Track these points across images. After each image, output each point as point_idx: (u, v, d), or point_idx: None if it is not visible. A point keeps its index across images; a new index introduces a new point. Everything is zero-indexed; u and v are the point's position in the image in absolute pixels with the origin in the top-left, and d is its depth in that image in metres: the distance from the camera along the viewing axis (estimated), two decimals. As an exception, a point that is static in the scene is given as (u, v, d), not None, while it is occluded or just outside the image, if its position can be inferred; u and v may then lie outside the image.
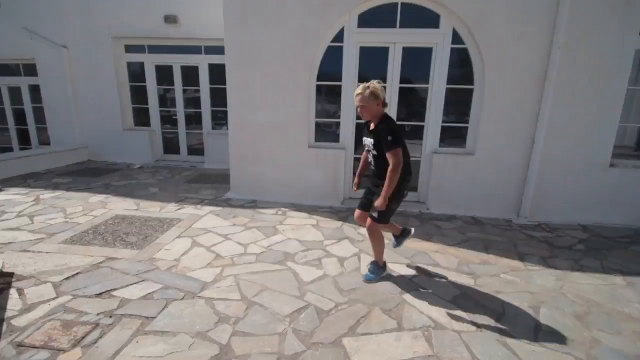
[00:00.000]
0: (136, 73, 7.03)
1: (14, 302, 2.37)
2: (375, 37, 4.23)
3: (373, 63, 4.38)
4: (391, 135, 2.32)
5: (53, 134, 7.44)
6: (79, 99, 7.05)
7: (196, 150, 7.33)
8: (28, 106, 7.71)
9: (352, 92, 4.36)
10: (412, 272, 2.94)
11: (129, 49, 6.78)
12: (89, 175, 6.13)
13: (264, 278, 2.77)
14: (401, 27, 4.17)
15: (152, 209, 4.36)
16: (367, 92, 2.37)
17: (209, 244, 3.39)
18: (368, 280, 2.75)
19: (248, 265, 2.97)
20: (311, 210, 4.45)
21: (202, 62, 6.64)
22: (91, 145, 7.29)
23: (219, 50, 6.49)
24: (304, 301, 2.47)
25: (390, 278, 2.83)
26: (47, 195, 4.83)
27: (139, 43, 6.68)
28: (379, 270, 2.79)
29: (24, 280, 2.64)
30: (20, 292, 2.48)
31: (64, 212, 4.13)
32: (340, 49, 4.28)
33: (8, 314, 2.24)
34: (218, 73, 6.65)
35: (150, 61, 6.78)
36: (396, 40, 4.19)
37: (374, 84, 2.41)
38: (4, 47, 7.10)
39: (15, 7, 6.85)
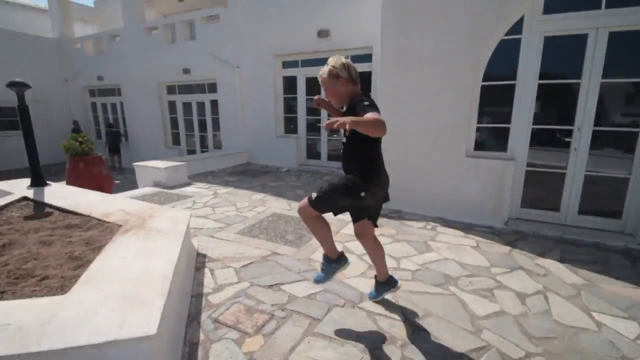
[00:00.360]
0: (288, 86, 7.86)
1: (207, 280, 2.79)
2: (569, 23, 3.43)
3: (560, 55, 3.57)
4: (368, 101, 1.89)
5: (224, 140, 9.05)
6: (244, 110, 8.35)
7: (334, 156, 7.66)
8: (208, 117, 9.62)
9: (530, 91, 3.69)
10: (636, 331, 2.16)
11: (285, 64, 7.64)
12: (249, 175, 7.13)
13: (426, 300, 2.50)
14: (608, 7, 3.26)
15: (302, 210, 4.66)
16: (326, 71, 2.03)
17: (359, 251, 3.33)
18: (317, 281, 2.32)
19: (405, 282, 2.75)
20: (465, 228, 3.93)
21: (348, 72, 6.88)
22: (250, 150, 8.51)
23: (363, 58, 6.63)
24: (482, 339, 2.08)
25: (601, 332, 2.14)
26: (222, 190, 5.80)
27: (294, 59, 7.45)
28: (328, 266, 2.29)
29: (213, 261, 3.11)
30: (212, 272, 2.92)
31: (235, 206, 4.83)
32: (516, 42, 3.65)
33: (205, 290, 2.64)
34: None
35: (302, 74, 7.46)
36: (600, 24, 3.30)
37: (335, 59, 2.04)
38: (197, 70, 9.05)
39: (205, 37, 8.65)
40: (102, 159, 6.86)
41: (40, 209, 3.49)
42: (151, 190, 5.91)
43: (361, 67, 6.66)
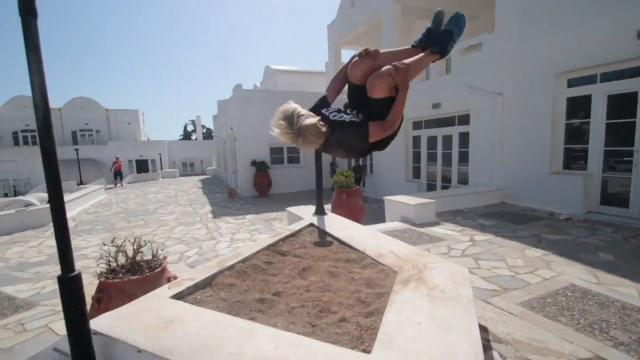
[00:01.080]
0: (572, 108, 6.04)
1: (499, 371, 2.09)
2: None
3: None
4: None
5: (472, 175, 8.15)
6: (504, 143, 7.17)
7: (657, 205, 5.05)
8: (455, 151, 9.05)
9: None
10: None
11: (572, 82, 5.93)
12: (509, 220, 5.87)
13: None
14: None
15: (623, 290, 3.07)
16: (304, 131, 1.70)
17: None
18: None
19: None
20: None
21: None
22: (506, 188, 7.16)
23: None
24: None
25: None
26: (479, 236, 4.96)
27: (588, 73, 5.64)
28: None
29: (499, 343, 2.38)
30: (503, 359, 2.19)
31: (505, 262, 3.87)
32: None
33: (501, 389, 1.95)
34: None
35: (602, 91, 5.50)
36: None
37: (278, 122, 1.70)
38: (448, 103, 8.78)
39: (461, 68, 8.24)
40: (359, 191, 7.70)
41: (323, 236, 4.00)
42: (400, 226, 5.92)
43: None
